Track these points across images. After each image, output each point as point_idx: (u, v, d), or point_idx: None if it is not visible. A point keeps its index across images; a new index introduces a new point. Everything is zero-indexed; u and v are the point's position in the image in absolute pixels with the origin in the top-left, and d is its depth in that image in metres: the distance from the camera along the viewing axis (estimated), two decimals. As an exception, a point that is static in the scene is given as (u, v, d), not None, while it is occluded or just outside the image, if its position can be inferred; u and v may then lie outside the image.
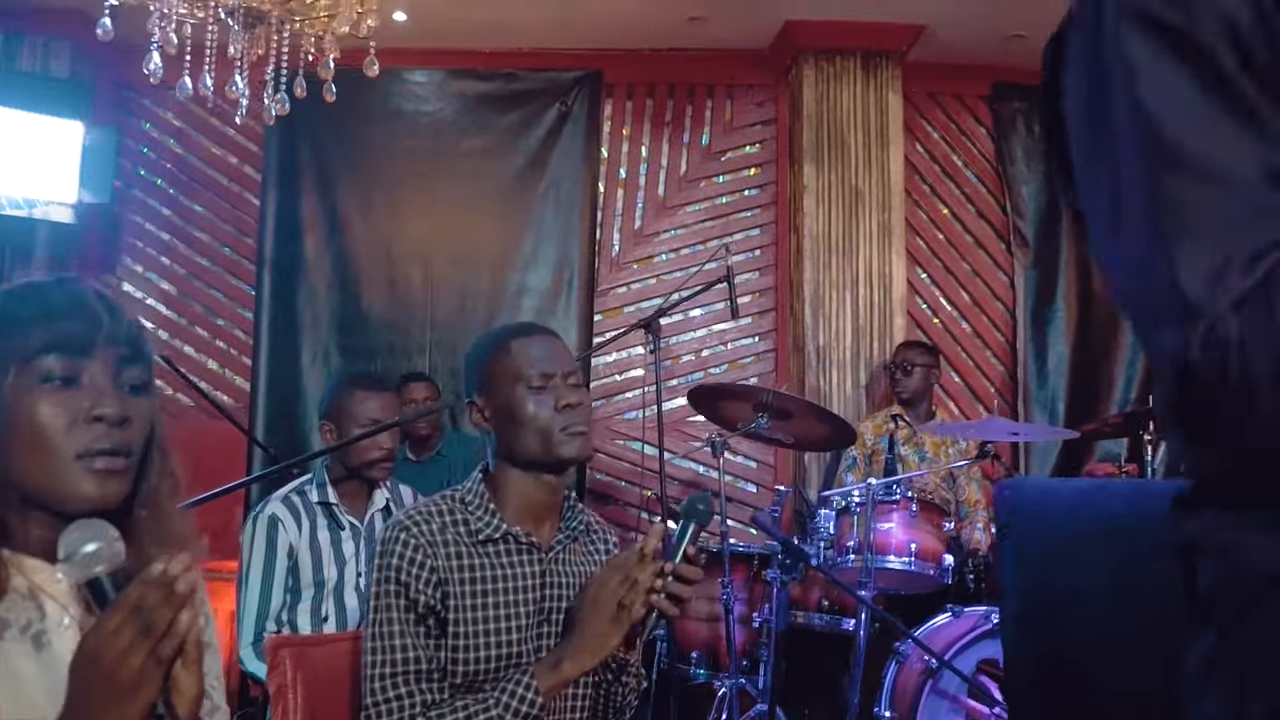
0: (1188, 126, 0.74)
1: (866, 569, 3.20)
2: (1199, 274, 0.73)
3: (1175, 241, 0.74)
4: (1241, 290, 0.72)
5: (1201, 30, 0.74)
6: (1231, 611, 0.78)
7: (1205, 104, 0.74)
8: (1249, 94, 0.73)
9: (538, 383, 1.73)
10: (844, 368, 4.70)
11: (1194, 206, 0.74)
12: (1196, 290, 0.73)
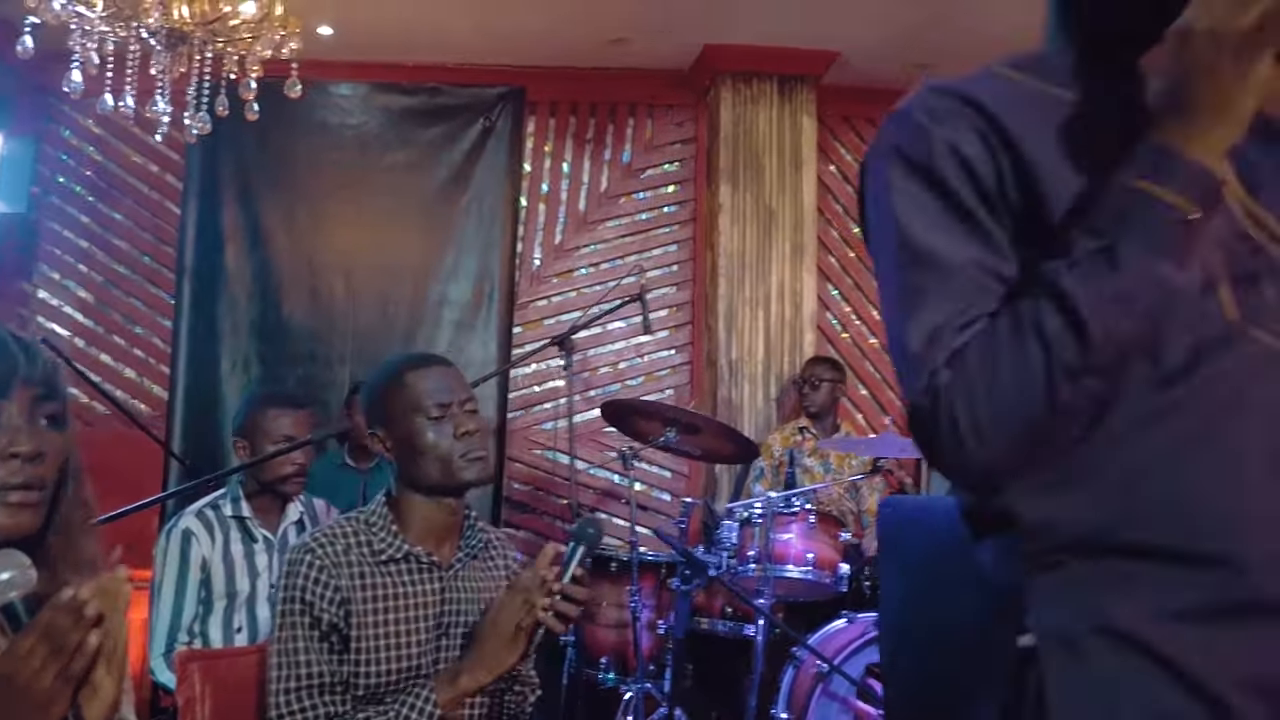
0: (923, 231, 0.98)
1: (766, 578, 3.36)
2: (923, 336, 0.96)
3: (910, 314, 0.98)
4: (952, 348, 0.94)
5: (938, 163, 0.98)
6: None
7: (938, 215, 0.98)
8: (975, 209, 0.97)
9: (435, 413, 1.84)
10: (755, 381, 4.87)
11: (924, 288, 0.97)
12: (919, 348, 0.96)
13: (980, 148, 0.98)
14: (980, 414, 0.93)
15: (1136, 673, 0.91)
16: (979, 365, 0.93)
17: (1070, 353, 0.90)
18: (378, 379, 1.96)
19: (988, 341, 0.94)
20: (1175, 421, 0.94)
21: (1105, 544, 0.94)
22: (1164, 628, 0.91)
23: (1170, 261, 0.91)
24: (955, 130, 0.99)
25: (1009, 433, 0.93)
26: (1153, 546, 0.92)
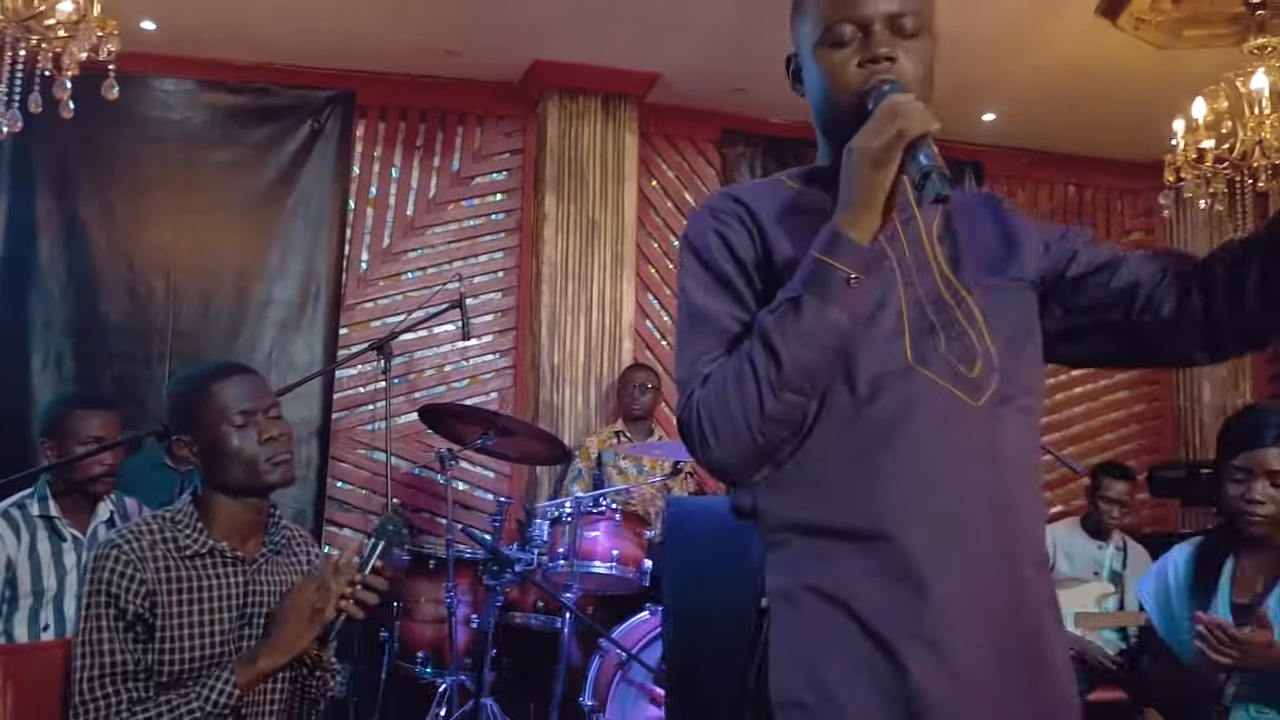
0: (694, 291, 1.37)
1: (573, 573, 3.56)
2: (687, 366, 1.34)
3: (682, 350, 1.36)
4: (704, 374, 1.30)
5: (710, 247, 1.37)
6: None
7: (705, 282, 1.36)
8: (733, 278, 1.35)
9: (239, 421, 1.96)
10: (576, 385, 5.08)
11: (692, 332, 1.36)
12: (685, 376, 1.34)
13: (744, 236, 1.36)
14: (717, 421, 1.27)
15: (831, 617, 1.25)
16: (717, 385, 1.28)
17: (771, 374, 1.23)
18: (182, 388, 2.07)
19: (723, 368, 1.29)
20: (858, 438, 1.27)
21: (813, 528, 1.28)
22: (850, 586, 1.25)
23: (838, 309, 1.23)
24: (727, 225, 1.37)
25: (735, 435, 1.26)
26: (843, 530, 1.26)
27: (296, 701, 2.02)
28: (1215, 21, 4.32)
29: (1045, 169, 6.29)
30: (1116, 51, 4.68)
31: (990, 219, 1.44)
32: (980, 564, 1.25)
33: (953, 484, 1.26)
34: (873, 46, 1.31)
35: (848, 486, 1.26)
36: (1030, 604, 1.28)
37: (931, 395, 1.27)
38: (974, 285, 1.34)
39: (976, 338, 1.31)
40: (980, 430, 1.28)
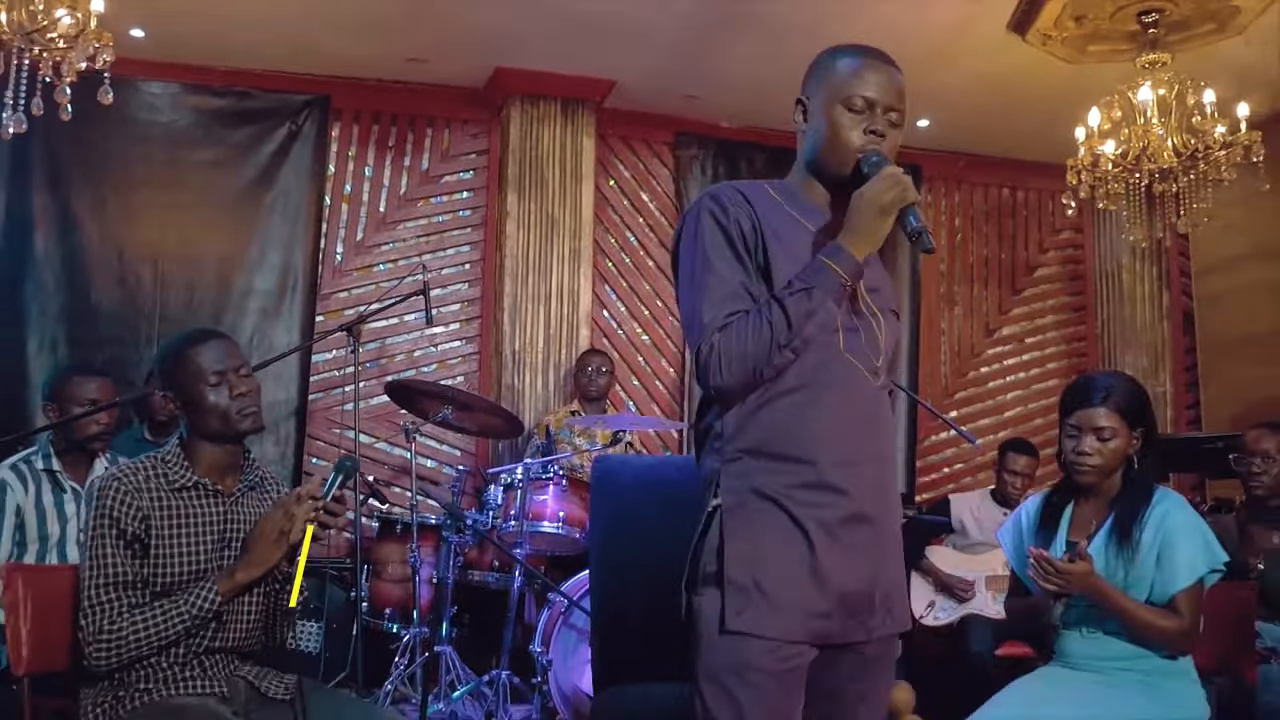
0: (716, 257, 1.80)
1: (523, 532, 3.94)
2: (711, 313, 1.78)
3: (704, 299, 1.79)
4: (722, 323, 1.75)
5: (730, 223, 1.81)
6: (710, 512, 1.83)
7: (725, 250, 1.80)
8: (742, 255, 1.79)
9: (214, 379, 2.34)
10: (536, 369, 5.47)
11: (713, 288, 1.79)
12: (708, 320, 1.77)
13: (749, 225, 1.82)
14: (734, 359, 1.75)
15: (769, 511, 1.76)
16: (735, 332, 1.75)
17: (782, 335, 1.74)
18: (166, 352, 2.44)
19: (742, 322, 1.75)
20: (803, 394, 1.80)
21: (761, 452, 1.79)
22: (783, 491, 1.77)
23: (832, 301, 1.77)
24: (739, 211, 1.83)
25: (743, 371, 1.75)
26: (781, 455, 1.79)
27: (269, 613, 2.40)
28: (1114, 38, 4.73)
29: (980, 172, 6.71)
30: (1030, 64, 5.10)
31: (878, 263, 1.97)
32: (866, 482, 1.81)
33: (855, 433, 1.83)
34: (876, 123, 1.82)
35: (788, 427, 1.80)
36: (892, 508, 1.89)
37: (850, 374, 1.83)
38: (880, 308, 1.92)
39: (880, 341, 1.89)
40: (873, 401, 1.87)
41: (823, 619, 1.76)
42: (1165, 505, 2.61)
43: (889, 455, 1.92)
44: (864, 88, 1.84)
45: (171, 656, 2.24)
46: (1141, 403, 2.72)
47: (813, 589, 1.75)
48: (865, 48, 1.90)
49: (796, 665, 1.76)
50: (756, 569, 1.75)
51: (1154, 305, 6.62)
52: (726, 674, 1.74)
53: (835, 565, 1.76)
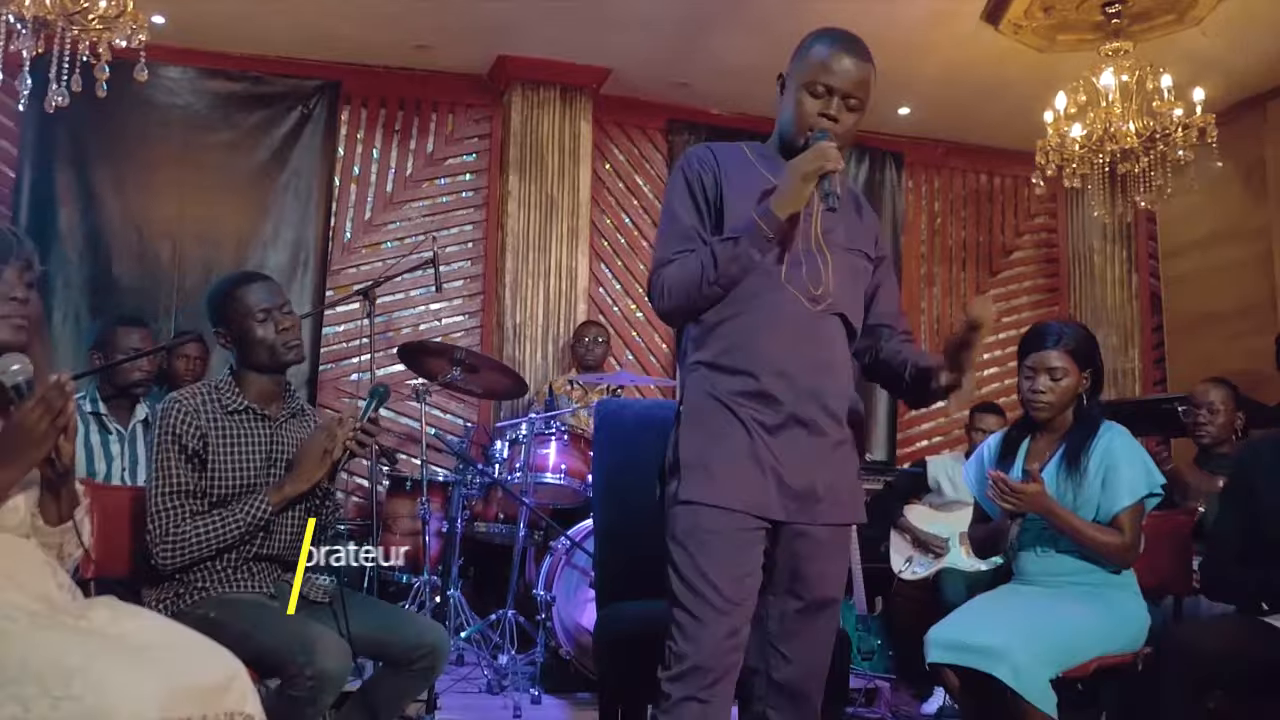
0: (674, 202, 2.20)
1: (527, 483, 4.23)
2: (660, 255, 2.20)
3: (662, 239, 2.21)
4: (671, 259, 2.16)
5: (691, 178, 2.19)
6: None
7: (685, 199, 2.18)
8: (700, 204, 2.18)
9: (261, 316, 2.63)
10: (535, 341, 5.77)
11: (671, 232, 2.19)
12: (661, 256, 2.19)
13: (711, 179, 2.18)
14: (674, 289, 2.13)
15: (721, 412, 2.12)
16: (678, 268, 2.13)
17: (710, 273, 2.10)
18: (217, 292, 2.72)
19: (685, 260, 2.13)
20: (748, 318, 2.13)
21: (716, 365, 2.15)
22: (731, 398, 2.12)
23: (756, 252, 2.09)
24: (704, 167, 2.19)
25: (679, 299, 2.13)
26: (732, 368, 2.13)
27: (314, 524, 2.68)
28: (1081, 28, 5.05)
29: (959, 158, 7.03)
30: (1003, 54, 5.41)
31: (855, 213, 2.32)
32: (801, 392, 2.14)
33: (791, 350, 2.15)
34: (830, 107, 2.13)
35: (735, 344, 2.15)
36: (830, 414, 2.18)
37: (790, 301, 2.16)
38: (833, 247, 2.22)
39: (825, 274, 2.19)
40: (811, 323, 2.17)
41: (761, 495, 2.10)
42: (1110, 435, 2.92)
43: (830, 369, 2.19)
44: (827, 76, 2.14)
45: (225, 561, 2.52)
46: (1090, 346, 3.01)
47: (752, 470, 2.10)
48: (840, 37, 2.19)
49: (742, 530, 2.10)
50: (705, 453, 2.13)
51: (1123, 286, 6.95)
52: (685, 537, 2.10)
53: (772, 458, 2.11)
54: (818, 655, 2.23)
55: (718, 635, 2.06)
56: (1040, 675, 2.64)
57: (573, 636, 3.98)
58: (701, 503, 2.09)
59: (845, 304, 2.23)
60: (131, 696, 1.64)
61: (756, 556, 2.13)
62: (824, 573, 2.20)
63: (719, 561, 2.07)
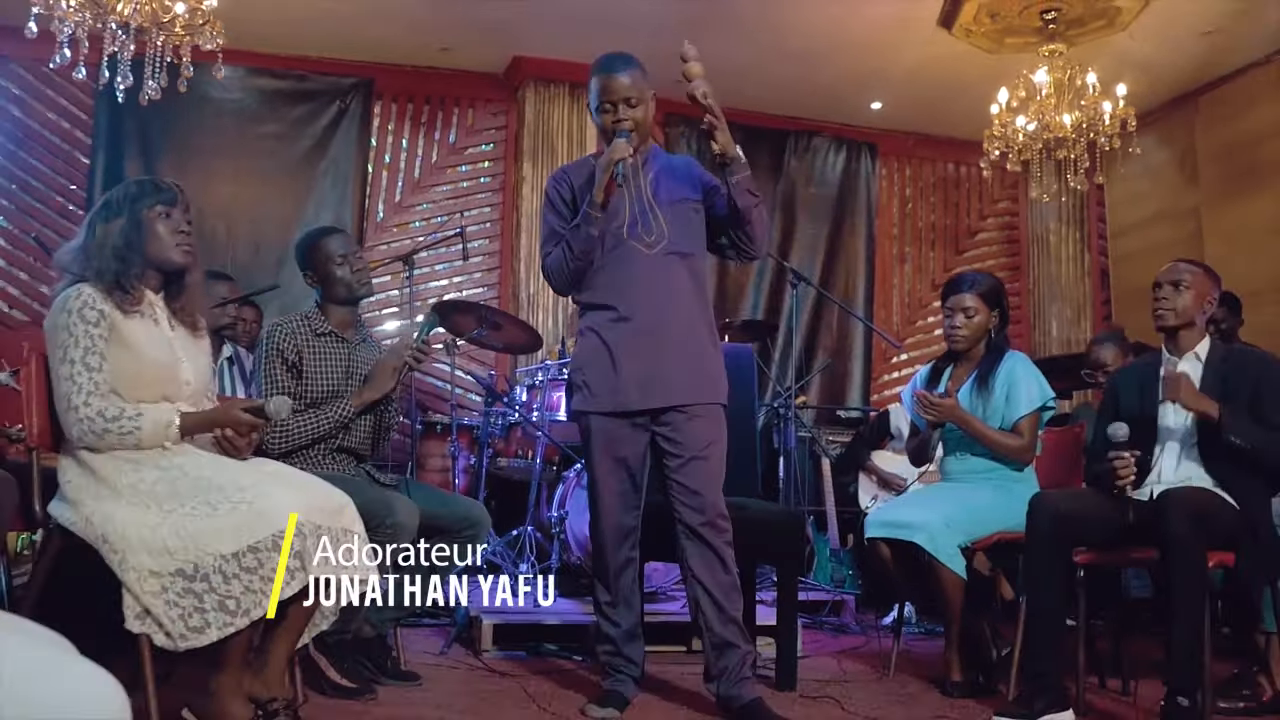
0: (549, 217, 3.08)
1: (543, 420, 4.96)
2: (543, 247, 3.12)
3: (541, 240, 3.13)
4: (550, 252, 3.07)
5: (556, 200, 3.08)
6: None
7: (549, 212, 3.09)
8: (560, 210, 3.05)
9: (339, 260, 3.37)
10: (546, 310, 6.51)
11: (543, 237, 3.12)
12: (542, 252, 3.11)
13: (568, 190, 3.03)
14: (553, 272, 3.02)
15: (593, 340, 3.00)
16: (552, 260, 3.00)
17: (569, 255, 2.96)
18: (304, 242, 3.46)
19: (554, 253, 2.99)
20: (607, 270, 2.96)
21: (590, 305, 3.02)
22: (597, 326, 2.99)
23: (592, 228, 2.91)
24: (561, 186, 3.05)
25: (559, 277, 3.01)
26: (600, 305, 2.99)
27: (379, 427, 3.41)
28: (1025, 32, 5.78)
29: (928, 149, 7.77)
30: (959, 54, 6.14)
31: (683, 174, 3.04)
32: (646, 311, 2.92)
33: (636, 286, 2.92)
34: (617, 114, 2.92)
35: (597, 287, 2.98)
36: (673, 324, 2.93)
37: (632, 250, 2.94)
38: (663, 203, 2.97)
39: (657, 225, 2.95)
40: (652, 264, 2.93)
41: (620, 395, 2.92)
42: (1013, 360, 3.65)
43: (671, 294, 2.94)
44: (604, 94, 2.96)
45: (317, 450, 3.27)
46: (998, 291, 3.74)
47: (613, 378, 2.92)
48: (603, 63, 3.02)
49: (615, 428, 2.95)
50: (586, 373, 2.98)
51: (1077, 264, 7.68)
52: (584, 440, 3.01)
53: (627, 363, 2.91)
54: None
55: (617, 500, 2.96)
56: (950, 542, 3.38)
57: (582, 546, 4.71)
58: (585, 411, 2.98)
59: (680, 243, 2.98)
60: (283, 503, 2.36)
61: (635, 448, 2.95)
62: (704, 440, 2.94)
63: (601, 452, 2.99)
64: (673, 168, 3.07)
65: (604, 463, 2.97)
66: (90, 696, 1.44)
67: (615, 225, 2.92)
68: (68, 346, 2.42)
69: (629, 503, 3.00)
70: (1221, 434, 3.02)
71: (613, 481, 2.98)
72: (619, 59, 2.98)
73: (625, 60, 2.97)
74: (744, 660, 2.93)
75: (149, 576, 2.27)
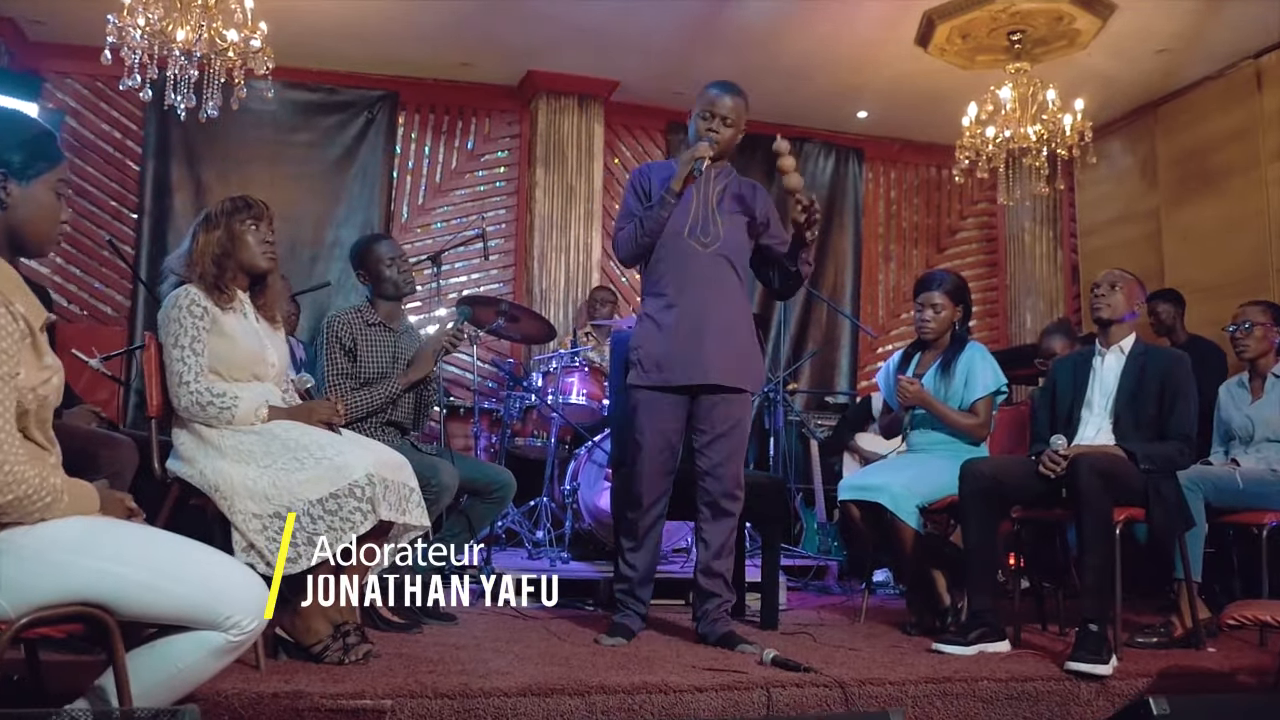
0: (628, 199, 3.63)
1: (557, 403, 5.54)
2: (618, 222, 3.64)
3: (618, 217, 3.71)
4: (623, 227, 3.65)
5: (636, 188, 3.62)
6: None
7: (631, 195, 3.62)
8: (640, 196, 3.60)
9: (389, 262, 3.94)
10: (558, 303, 7.09)
11: (621, 215, 3.70)
12: (616, 226, 3.64)
13: (645, 179, 3.59)
14: (623, 244, 3.58)
15: (651, 323, 3.55)
16: (625, 233, 3.56)
17: (639, 231, 3.52)
18: (358, 246, 4.03)
19: (627, 227, 3.55)
20: (667, 262, 3.52)
21: (651, 292, 3.59)
22: (653, 311, 3.56)
23: (665, 212, 3.47)
24: (640, 176, 3.62)
25: (627, 250, 3.57)
26: (654, 292, 3.58)
27: (418, 404, 3.99)
28: (994, 50, 6.32)
29: (912, 155, 8.33)
30: (936, 70, 6.69)
31: (749, 196, 3.54)
32: (694, 303, 3.43)
33: (689, 279, 3.45)
34: (712, 124, 3.45)
35: (656, 278, 3.53)
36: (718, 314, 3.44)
37: (689, 248, 3.46)
38: (724, 213, 3.50)
39: (714, 229, 3.47)
40: (703, 262, 3.45)
41: (667, 372, 3.42)
42: (972, 350, 4.21)
43: (719, 289, 3.45)
44: (709, 105, 3.47)
45: (369, 423, 3.83)
46: (962, 288, 4.29)
47: (662, 357, 3.41)
48: (717, 84, 3.53)
49: (661, 400, 3.44)
50: (640, 352, 3.48)
51: (1050, 261, 8.24)
52: (633, 411, 3.49)
53: (674, 345, 3.41)
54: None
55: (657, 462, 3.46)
56: (910, 503, 3.94)
57: (593, 514, 5.29)
58: (636, 385, 3.47)
59: (730, 247, 3.49)
60: (358, 459, 2.93)
61: (675, 421, 3.47)
62: (732, 426, 3.49)
63: (648, 422, 3.47)
64: (741, 188, 3.57)
65: (648, 431, 3.48)
66: (240, 583, 2.02)
67: (679, 225, 3.43)
68: (178, 335, 2.99)
69: (666, 468, 3.50)
70: (1135, 464, 3.60)
71: (654, 449, 3.47)
72: (734, 86, 3.50)
73: (737, 90, 3.50)
74: (721, 605, 3.52)
75: (252, 518, 2.83)
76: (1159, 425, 3.73)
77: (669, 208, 3.41)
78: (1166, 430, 3.71)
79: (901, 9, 6.06)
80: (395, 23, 6.44)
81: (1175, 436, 3.70)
